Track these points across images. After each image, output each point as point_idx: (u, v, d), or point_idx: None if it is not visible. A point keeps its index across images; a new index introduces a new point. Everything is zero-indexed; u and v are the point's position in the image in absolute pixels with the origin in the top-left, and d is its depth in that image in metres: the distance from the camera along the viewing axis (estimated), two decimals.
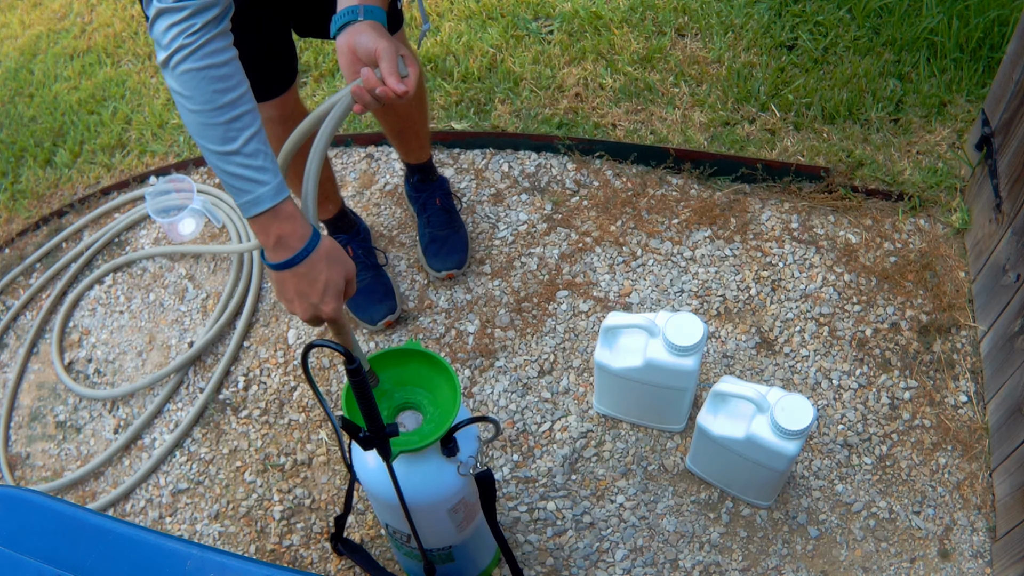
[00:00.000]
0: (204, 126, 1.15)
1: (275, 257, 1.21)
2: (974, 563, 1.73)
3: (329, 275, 1.23)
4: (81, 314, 2.42)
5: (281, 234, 1.20)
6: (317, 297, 1.23)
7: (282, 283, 1.24)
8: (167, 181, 2.47)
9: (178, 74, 1.14)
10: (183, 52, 1.13)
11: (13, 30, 3.52)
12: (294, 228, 1.20)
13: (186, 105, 1.15)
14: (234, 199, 1.21)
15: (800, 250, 2.18)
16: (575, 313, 2.13)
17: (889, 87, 2.41)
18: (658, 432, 1.95)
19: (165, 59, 1.14)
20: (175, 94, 1.16)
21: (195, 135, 1.17)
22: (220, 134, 1.15)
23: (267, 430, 2.08)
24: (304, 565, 1.87)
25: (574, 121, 2.48)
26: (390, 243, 2.33)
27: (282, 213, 1.20)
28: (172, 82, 1.15)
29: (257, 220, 1.20)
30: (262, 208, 1.18)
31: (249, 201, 1.19)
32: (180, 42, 1.12)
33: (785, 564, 1.77)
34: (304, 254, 1.21)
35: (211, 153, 1.17)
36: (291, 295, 1.24)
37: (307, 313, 1.24)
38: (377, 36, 1.24)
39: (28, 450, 2.22)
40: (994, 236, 1.94)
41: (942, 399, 1.93)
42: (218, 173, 1.19)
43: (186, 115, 1.16)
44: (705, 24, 2.66)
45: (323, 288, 1.23)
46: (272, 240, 1.20)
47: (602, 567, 1.80)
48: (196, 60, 1.13)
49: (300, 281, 1.22)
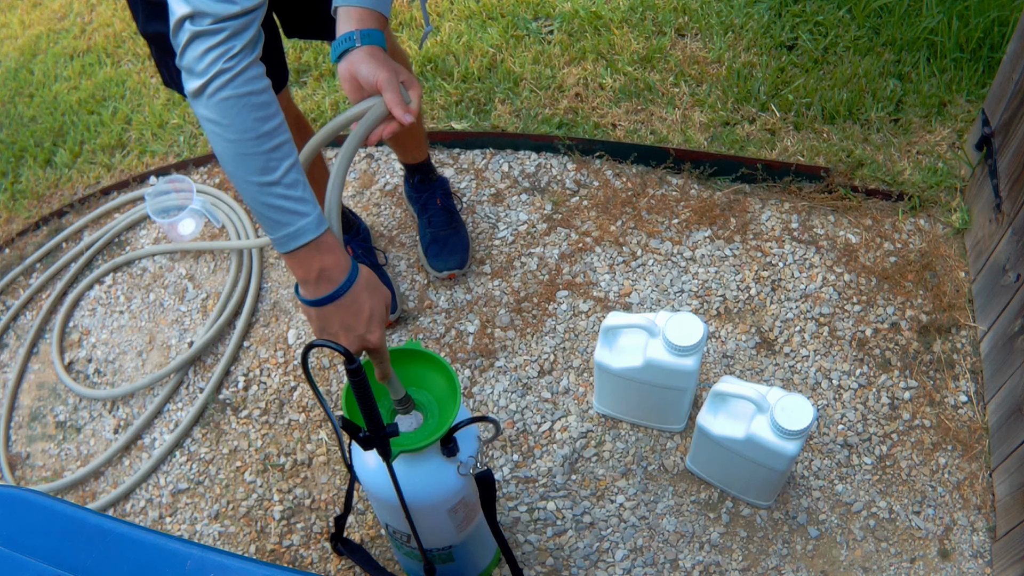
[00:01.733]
0: (243, 156, 1.09)
1: (317, 292, 1.16)
2: (974, 563, 1.73)
3: (373, 304, 1.19)
4: (81, 314, 2.42)
5: (324, 267, 1.14)
6: (363, 328, 1.19)
7: (325, 318, 1.18)
8: (167, 181, 2.47)
9: (216, 102, 1.07)
10: (223, 78, 1.06)
11: (13, 30, 3.52)
12: (337, 259, 1.15)
13: (223, 135, 1.09)
14: (271, 233, 1.13)
15: (800, 250, 2.18)
16: (575, 313, 2.14)
17: (889, 87, 2.41)
18: (658, 432, 1.95)
19: (200, 87, 1.07)
20: (210, 123, 1.09)
21: (231, 166, 1.11)
22: (260, 164, 1.10)
23: (267, 430, 2.08)
24: (304, 565, 1.87)
25: (574, 121, 2.48)
26: (390, 243, 2.33)
27: (324, 245, 1.14)
28: (207, 111, 1.08)
29: (297, 254, 1.14)
30: (304, 240, 1.13)
31: (290, 234, 1.12)
32: (219, 67, 1.06)
33: (785, 564, 1.77)
34: (347, 285, 1.16)
35: (249, 184, 1.11)
36: (335, 329, 1.18)
37: (353, 345, 1.19)
38: (376, 66, 1.22)
39: (28, 450, 2.22)
40: (994, 236, 1.94)
41: (942, 399, 1.93)
42: (254, 206, 1.12)
43: (222, 145, 1.10)
44: (705, 24, 2.66)
45: (368, 318, 1.18)
46: (314, 274, 1.14)
47: (602, 567, 1.80)
48: (236, 87, 1.07)
49: (345, 313, 1.17)
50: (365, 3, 1.26)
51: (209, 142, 1.11)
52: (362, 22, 1.25)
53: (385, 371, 1.27)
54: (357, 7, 1.26)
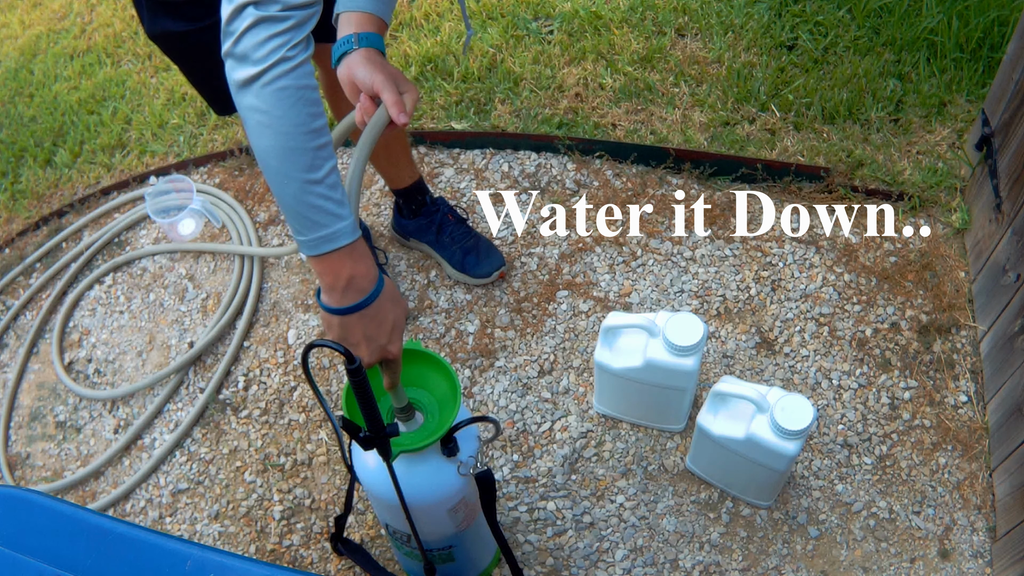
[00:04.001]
0: (291, 151, 1.06)
1: (345, 300, 1.14)
2: (974, 563, 1.73)
3: (395, 315, 1.19)
4: (81, 314, 2.42)
5: (354, 275, 1.13)
6: (385, 339, 1.18)
7: (348, 327, 1.16)
8: (167, 181, 2.47)
9: (273, 91, 1.04)
10: (283, 67, 1.04)
11: (13, 30, 3.53)
12: (367, 268, 1.14)
13: (274, 126, 1.05)
14: (307, 234, 1.10)
15: (800, 250, 2.18)
16: (575, 313, 2.14)
17: (889, 87, 2.41)
18: (658, 432, 1.95)
19: (257, 74, 1.04)
20: (259, 114, 1.06)
21: (276, 160, 1.07)
22: (308, 161, 1.07)
23: (267, 430, 2.08)
24: (304, 565, 1.87)
25: (574, 121, 2.48)
26: (390, 243, 2.33)
27: (357, 252, 1.13)
28: (259, 101, 1.05)
29: (329, 258, 1.11)
30: (339, 244, 1.11)
31: (326, 236, 1.10)
32: (282, 54, 1.04)
33: (785, 564, 1.77)
34: (375, 296, 1.15)
35: (293, 181, 1.08)
36: (357, 339, 1.17)
37: (374, 356, 1.19)
38: (373, 69, 1.22)
39: (28, 450, 2.22)
40: (994, 236, 1.94)
41: (942, 399, 1.93)
42: (293, 204, 1.09)
43: (271, 138, 1.06)
44: (705, 24, 2.66)
45: (391, 329, 1.18)
46: (343, 282, 1.13)
47: (602, 567, 1.80)
48: (296, 77, 1.05)
49: (368, 324, 1.16)
50: (364, 7, 1.27)
51: (250, 136, 1.08)
52: (360, 26, 1.26)
53: (395, 381, 1.27)
54: (356, 12, 1.27)
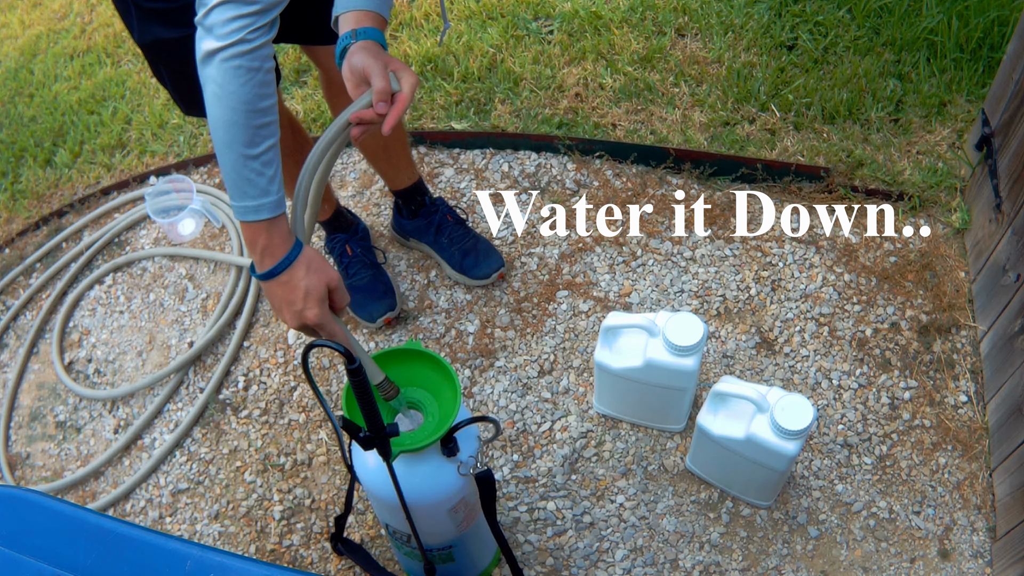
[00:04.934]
0: (235, 125, 1.17)
1: (261, 267, 1.26)
2: (974, 563, 1.73)
3: (309, 281, 1.27)
4: (81, 314, 2.42)
5: (267, 244, 1.24)
6: (300, 304, 1.27)
7: (270, 293, 1.28)
8: (167, 181, 2.47)
9: (228, 67, 1.14)
10: (241, 47, 1.14)
11: (13, 30, 3.53)
12: (282, 240, 1.25)
13: (224, 99, 1.16)
14: (235, 201, 1.23)
15: (800, 250, 2.18)
16: (575, 313, 2.13)
17: (889, 87, 2.41)
18: (658, 432, 1.95)
19: (217, 48, 1.14)
20: (213, 85, 1.16)
21: (220, 131, 1.18)
22: (248, 137, 1.18)
23: (267, 430, 2.08)
24: (304, 565, 1.87)
25: (574, 121, 2.48)
26: (390, 243, 2.33)
27: (274, 227, 1.24)
28: (215, 73, 1.15)
29: (251, 226, 1.24)
30: (261, 217, 1.22)
31: (251, 207, 1.22)
32: (242, 35, 1.13)
33: (785, 564, 1.77)
34: (286, 264, 1.25)
35: (232, 152, 1.19)
36: (278, 304, 1.28)
37: (295, 320, 1.28)
38: (367, 56, 1.25)
39: (28, 450, 2.22)
40: (994, 236, 1.94)
41: (942, 399, 1.93)
42: (229, 172, 1.21)
43: (219, 110, 1.17)
44: (705, 24, 2.66)
45: (304, 294, 1.26)
46: (259, 249, 1.25)
47: (602, 567, 1.80)
48: (250, 59, 1.15)
49: (284, 289, 1.26)
50: (361, 5, 1.30)
51: (206, 104, 1.18)
52: (359, 22, 1.30)
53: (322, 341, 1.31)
54: (355, 10, 1.30)
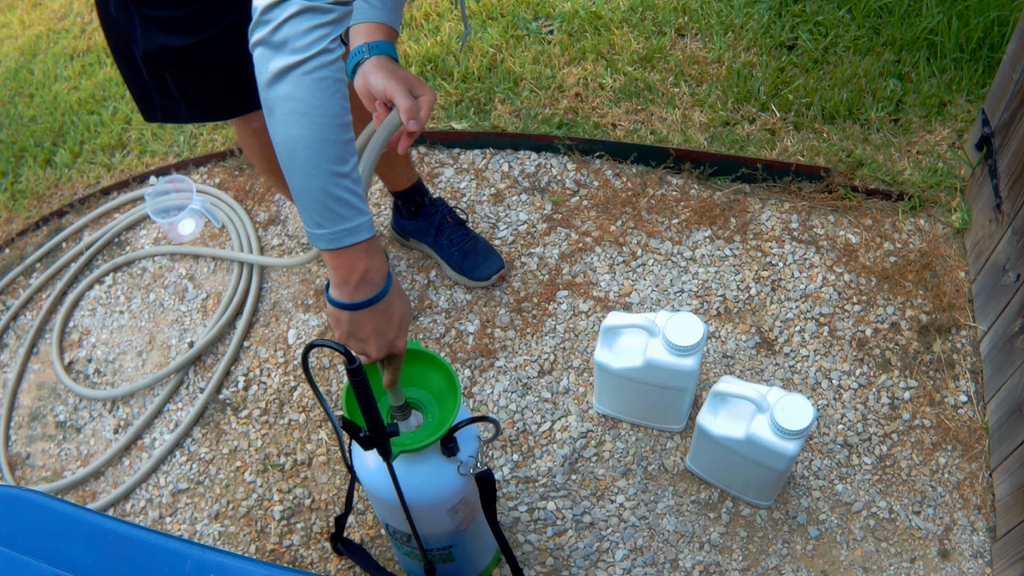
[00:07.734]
0: (324, 142, 1.06)
1: (356, 295, 1.14)
2: (974, 563, 1.73)
3: (403, 310, 1.19)
4: (81, 314, 2.42)
5: (368, 270, 1.13)
6: (394, 333, 1.19)
7: (358, 323, 1.16)
8: (167, 181, 2.47)
9: (313, 80, 1.03)
10: (325, 58, 1.04)
11: (13, 30, 3.53)
12: (381, 264, 1.15)
13: (310, 115, 1.05)
14: (327, 227, 1.10)
15: (800, 250, 2.18)
16: (575, 313, 2.14)
17: (889, 87, 2.41)
18: (658, 432, 1.95)
19: (298, 62, 1.03)
20: (292, 103, 1.04)
21: (307, 151, 1.06)
22: (338, 153, 1.07)
23: (267, 430, 2.08)
24: (304, 565, 1.87)
25: (574, 121, 2.48)
26: (390, 243, 2.33)
27: (373, 247, 1.13)
28: (296, 89, 1.04)
29: (346, 252, 1.11)
30: (359, 238, 1.11)
31: (348, 229, 1.10)
32: (324, 46, 1.04)
33: (785, 564, 1.77)
34: (386, 291, 1.15)
35: (322, 172, 1.07)
36: (367, 334, 1.17)
37: (382, 351, 1.19)
38: (386, 76, 1.24)
39: (28, 450, 2.22)
40: (994, 236, 1.94)
41: (942, 399, 1.93)
42: (319, 196, 1.08)
43: (304, 128, 1.05)
44: (705, 24, 2.66)
45: (399, 323, 1.18)
46: (357, 276, 1.13)
47: (602, 567, 1.80)
48: (336, 70, 1.05)
49: (379, 319, 1.17)
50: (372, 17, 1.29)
51: (279, 126, 1.06)
52: (370, 35, 1.28)
53: (395, 379, 1.27)
54: (365, 23, 1.29)
